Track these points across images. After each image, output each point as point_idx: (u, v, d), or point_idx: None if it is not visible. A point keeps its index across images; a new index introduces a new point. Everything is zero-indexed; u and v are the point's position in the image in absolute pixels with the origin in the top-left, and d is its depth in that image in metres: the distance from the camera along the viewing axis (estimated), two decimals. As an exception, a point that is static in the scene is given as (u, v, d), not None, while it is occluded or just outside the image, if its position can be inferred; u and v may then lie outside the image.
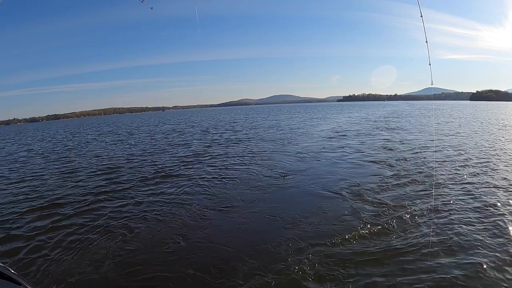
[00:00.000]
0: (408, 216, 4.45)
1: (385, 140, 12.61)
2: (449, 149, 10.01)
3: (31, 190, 7.36)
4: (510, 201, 4.96)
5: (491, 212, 4.52)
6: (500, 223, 4.11)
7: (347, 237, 3.88)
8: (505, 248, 3.44)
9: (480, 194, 5.34)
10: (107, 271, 3.42)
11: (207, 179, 7.25)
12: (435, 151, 9.78)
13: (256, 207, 5.22)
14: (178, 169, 8.65)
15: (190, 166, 8.94)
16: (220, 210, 5.16)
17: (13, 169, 10.69)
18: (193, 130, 23.34)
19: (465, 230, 3.95)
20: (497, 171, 6.98)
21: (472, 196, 5.26)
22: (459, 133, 14.75)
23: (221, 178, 7.30)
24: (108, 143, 17.72)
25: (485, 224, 4.12)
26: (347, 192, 5.72)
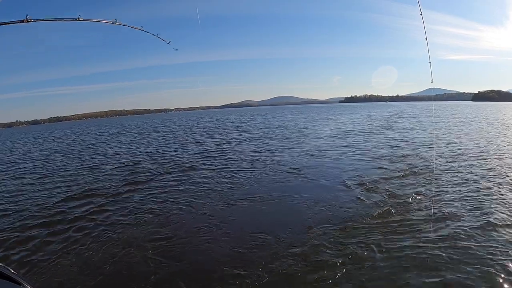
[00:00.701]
0: (410, 202, 4.98)
1: (387, 138, 13.19)
2: (447, 145, 10.59)
3: (62, 181, 8.03)
4: (500, 184, 5.72)
5: (485, 194, 5.16)
6: (493, 204, 4.70)
7: (357, 219, 4.40)
8: (497, 225, 4.03)
9: (475, 181, 6.05)
10: (147, 257, 3.69)
11: (226, 172, 7.84)
12: (434, 143, 10.49)
13: (275, 196, 5.69)
14: (197, 164, 9.24)
15: (208, 162, 9.54)
16: (243, 200, 5.62)
17: (37, 166, 11.27)
18: (202, 131, 23.95)
19: (462, 210, 4.53)
20: (489, 160, 7.82)
21: (468, 183, 5.93)
22: (457, 131, 15.38)
23: (239, 171, 7.89)
24: (122, 142, 18.39)
25: (480, 204, 4.70)
26: (355, 183, 6.24)
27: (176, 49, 4.11)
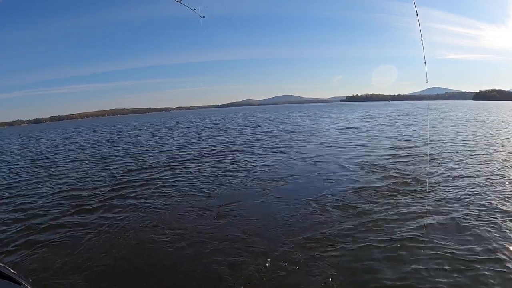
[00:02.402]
0: (409, 179, 6.27)
1: (390, 132, 14.78)
2: (440, 137, 12.24)
3: (116, 162, 9.61)
4: (480, 164, 7.19)
5: (467, 168, 6.72)
6: (472, 172, 6.20)
7: (372, 187, 5.75)
8: (484, 202, 5.46)
9: (460, 161, 7.66)
10: (209, 220, 4.57)
11: (256, 158, 9.20)
12: (429, 134, 12.57)
13: (307, 174, 7.04)
14: (227, 150, 10.78)
15: (234, 148, 11.04)
16: (281, 177, 6.85)
17: (82, 153, 12.65)
18: (213, 126, 25.46)
19: (453, 185, 5.98)
20: (472, 148, 9.51)
21: (457, 164, 7.41)
22: (450, 126, 17.04)
23: (267, 156, 9.33)
24: (146, 136, 19.87)
25: (463, 176, 6.21)
26: (367, 164, 7.64)
27: (203, 17, 4.18)
